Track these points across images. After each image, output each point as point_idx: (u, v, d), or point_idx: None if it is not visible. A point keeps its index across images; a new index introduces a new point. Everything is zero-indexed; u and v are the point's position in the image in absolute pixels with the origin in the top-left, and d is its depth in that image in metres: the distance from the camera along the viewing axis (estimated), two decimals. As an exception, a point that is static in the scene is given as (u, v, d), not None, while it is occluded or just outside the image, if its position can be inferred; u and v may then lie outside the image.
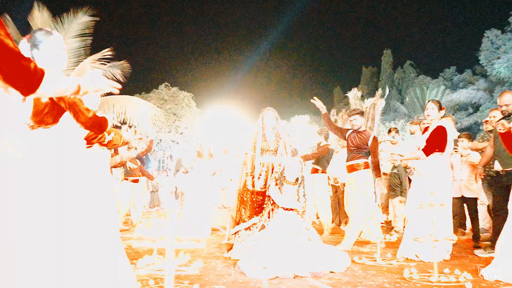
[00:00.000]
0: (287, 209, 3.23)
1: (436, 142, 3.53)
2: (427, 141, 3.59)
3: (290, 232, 3.12)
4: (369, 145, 4.16)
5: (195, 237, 1.08)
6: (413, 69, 28.37)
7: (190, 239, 1.07)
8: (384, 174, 5.42)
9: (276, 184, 3.44)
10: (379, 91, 4.57)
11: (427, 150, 3.56)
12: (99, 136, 2.59)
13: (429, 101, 3.71)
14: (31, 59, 1.31)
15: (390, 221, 5.82)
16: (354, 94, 4.52)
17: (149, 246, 1.00)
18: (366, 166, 4.18)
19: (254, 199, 3.76)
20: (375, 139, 4.20)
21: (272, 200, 3.37)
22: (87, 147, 2.63)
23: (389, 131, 5.51)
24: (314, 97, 4.30)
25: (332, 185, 6.35)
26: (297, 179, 3.42)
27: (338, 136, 4.83)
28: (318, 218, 6.40)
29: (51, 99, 1.90)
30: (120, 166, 4.93)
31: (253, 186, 3.73)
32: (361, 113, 4.30)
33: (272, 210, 3.39)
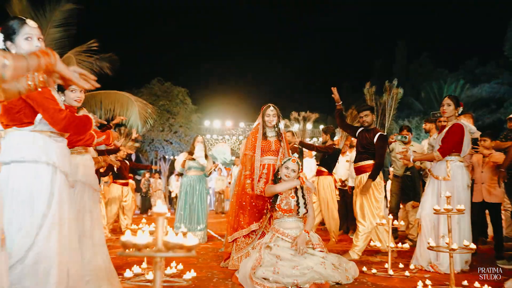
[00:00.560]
0: (285, 211, 3.22)
1: (452, 141, 3.52)
2: (443, 140, 3.59)
3: (292, 240, 3.12)
4: (374, 143, 4.16)
5: (185, 245, 1.08)
6: (430, 62, 28.33)
7: (179, 247, 1.07)
8: (396, 177, 5.41)
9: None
10: (395, 81, 4.57)
11: (443, 151, 3.56)
12: (85, 137, 2.59)
13: (445, 97, 3.71)
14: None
15: (403, 228, 5.83)
16: (368, 89, 4.52)
17: (134, 255, 1.00)
18: (378, 167, 4.18)
19: (253, 203, 3.76)
20: (381, 137, 4.18)
21: (270, 203, 3.35)
22: (70, 148, 2.63)
23: (401, 129, 5.50)
24: (334, 87, 4.48)
25: (339, 188, 6.37)
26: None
27: (347, 133, 4.84)
28: (324, 225, 6.41)
29: (21, 98, 1.91)
30: (104, 167, 4.95)
31: (253, 189, 3.73)
32: (372, 109, 4.30)
33: (271, 216, 3.38)
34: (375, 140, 4.19)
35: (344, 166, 6.47)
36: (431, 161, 3.63)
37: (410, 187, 5.35)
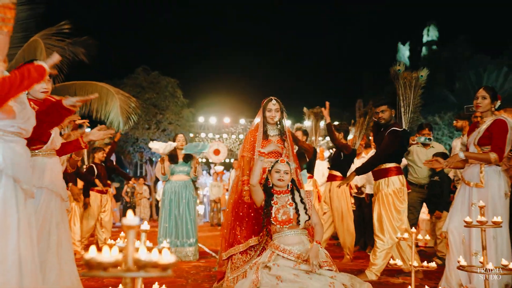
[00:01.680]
0: (284, 223, 3.21)
1: (503, 139, 3.46)
2: (481, 140, 3.57)
3: (295, 258, 3.12)
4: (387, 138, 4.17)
5: (160, 263, 1.09)
6: (467, 46, 28.21)
7: (152, 265, 1.09)
8: (414, 185, 5.38)
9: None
10: (401, 65, 4.45)
11: (500, 151, 3.49)
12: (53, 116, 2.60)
13: (480, 88, 3.70)
14: None
15: (431, 243, 5.81)
16: (396, 68, 4.43)
17: (99, 276, 1.02)
18: (398, 171, 4.19)
19: (252, 214, 3.77)
20: (392, 131, 4.17)
21: (265, 214, 3.34)
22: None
23: (420, 128, 5.43)
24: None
25: (354, 196, 6.37)
26: (290, 185, 3.40)
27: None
28: (337, 239, 6.42)
29: None
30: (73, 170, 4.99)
31: (251, 197, 3.74)
32: (390, 104, 4.30)
33: (269, 230, 3.38)
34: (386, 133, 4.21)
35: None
36: (487, 162, 3.52)
37: (437, 195, 5.35)
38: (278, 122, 3.99)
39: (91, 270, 1.04)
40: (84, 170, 6.82)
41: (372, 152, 6.18)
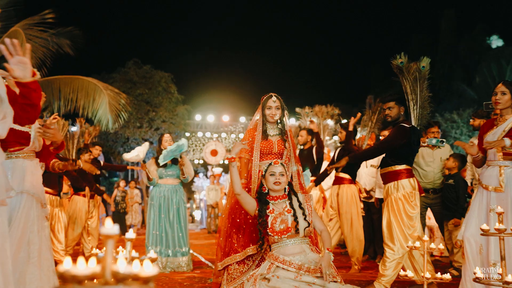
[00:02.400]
0: (282, 233, 3.21)
1: None
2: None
3: (296, 269, 3.12)
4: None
5: (140, 275, 1.09)
6: (487, 36, 28.16)
7: (133, 277, 1.09)
8: (424, 188, 5.35)
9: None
10: (403, 57, 4.38)
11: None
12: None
13: (499, 83, 3.69)
14: None
15: (446, 252, 5.80)
16: (398, 61, 4.39)
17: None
18: (408, 174, 4.18)
19: (250, 221, 3.77)
20: (398, 127, 4.16)
21: (260, 225, 3.33)
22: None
23: (429, 126, 5.23)
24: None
25: (363, 201, 6.37)
26: (287, 189, 3.40)
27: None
28: (344, 247, 6.42)
29: None
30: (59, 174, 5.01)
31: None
32: (399, 100, 4.29)
33: (266, 239, 3.36)
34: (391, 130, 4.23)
35: (369, 173, 6.47)
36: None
37: (453, 200, 5.33)
38: (279, 121, 4.00)
39: (65, 283, 1.05)
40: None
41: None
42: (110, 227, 1.13)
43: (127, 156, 5.95)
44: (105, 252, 1.13)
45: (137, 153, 5.83)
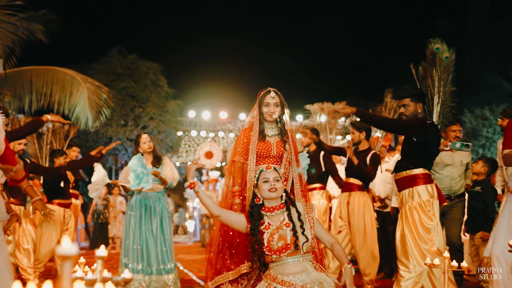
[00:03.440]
0: (281, 251, 3.18)
1: None
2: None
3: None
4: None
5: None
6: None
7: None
8: (447, 195, 5.32)
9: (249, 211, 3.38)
10: (438, 42, 4.35)
11: None
12: None
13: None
14: None
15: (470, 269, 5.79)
16: (434, 46, 4.37)
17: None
18: (426, 179, 4.17)
19: (245, 234, 3.77)
20: (418, 118, 4.14)
21: (256, 242, 3.30)
22: None
23: (449, 123, 5.15)
24: None
25: (376, 210, 6.34)
26: (283, 196, 3.38)
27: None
28: (356, 263, 6.39)
29: None
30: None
31: (245, 212, 3.75)
32: (415, 96, 4.27)
33: (264, 258, 3.34)
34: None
35: (383, 178, 6.46)
36: None
37: (480, 210, 5.32)
38: (278, 120, 4.00)
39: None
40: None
41: (397, 156, 6.15)
42: (68, 246, 1.13)
43: (92, 191, 5.94)
44: (61, 275, 1.13)
45: (96, 181, 5.83)
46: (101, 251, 2.00)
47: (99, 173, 5.85)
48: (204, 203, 3.38)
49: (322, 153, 6.38)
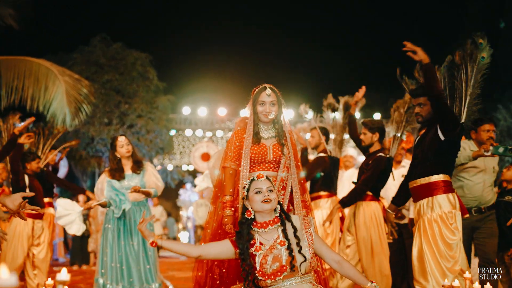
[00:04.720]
0: (276, 274, 3.16)
1: None
2: None
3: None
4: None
5: None
6: None
7: None
8: (467, 206, 5.27)
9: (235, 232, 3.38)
10: (480, 37, 4.34)
11: None
12: None
13: None
14: None
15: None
16: (476, 43, 4.35)
17: None
18: (447, 187, 4.17)
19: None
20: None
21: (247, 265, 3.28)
22: None
23: (479, 122, 4.96)
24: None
25: (391, 222, 6.32)
26: (278, 209, 3.36)
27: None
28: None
29: None
30: None
31: (237, 226, 3.75)
32: (435, 94, 4.25)
33: (253, 282, 3.32)
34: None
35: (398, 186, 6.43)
36: None
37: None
38: (275, 120, 4.00)
39: None
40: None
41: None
42: (6, 277, 1.12)
43: (62, 222, 5.96)
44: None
45: (62, 212, 5.85)
46: (63, 275, 2.00)
47: (60, 208, 5.88)
48: (177, 252, 3.41)
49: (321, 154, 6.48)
